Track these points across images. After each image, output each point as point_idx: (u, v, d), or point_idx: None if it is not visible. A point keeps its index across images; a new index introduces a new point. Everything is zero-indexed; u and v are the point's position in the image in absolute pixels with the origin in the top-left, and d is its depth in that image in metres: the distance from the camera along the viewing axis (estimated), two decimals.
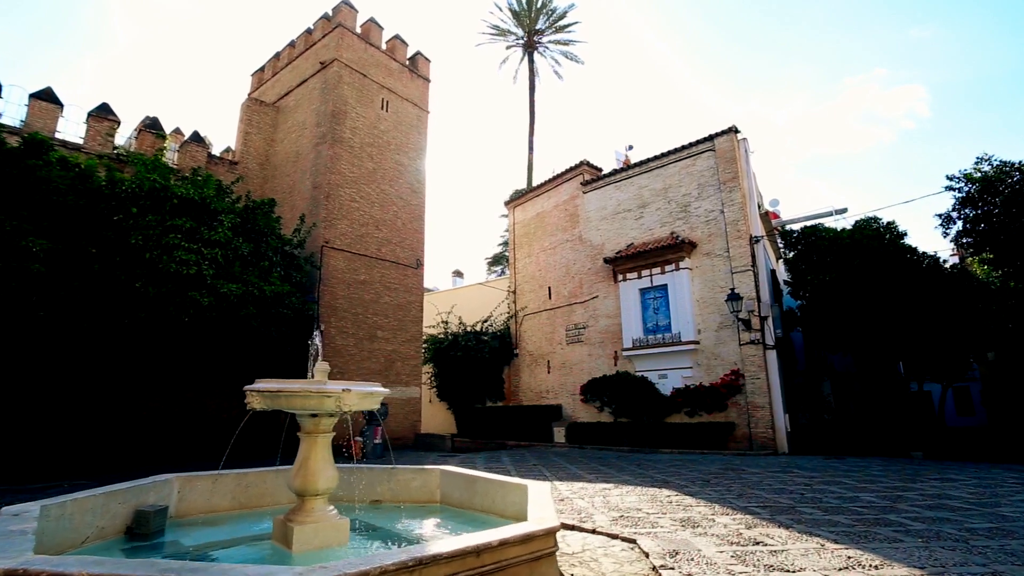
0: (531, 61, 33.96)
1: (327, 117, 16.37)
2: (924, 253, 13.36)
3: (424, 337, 21.85)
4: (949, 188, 12.02)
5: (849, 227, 13.86)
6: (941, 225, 12.42)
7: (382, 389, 4.09)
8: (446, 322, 21.86)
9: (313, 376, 4.12)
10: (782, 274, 20.25)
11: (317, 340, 4.32)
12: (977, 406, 29.90)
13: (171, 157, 15.97)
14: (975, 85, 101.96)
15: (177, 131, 18.82)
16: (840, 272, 13.03)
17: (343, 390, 3.60)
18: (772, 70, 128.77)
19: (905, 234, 13.21)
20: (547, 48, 34.27)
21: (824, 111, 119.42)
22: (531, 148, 32.71)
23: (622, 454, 14.19)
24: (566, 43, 33.92)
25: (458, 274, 34.58)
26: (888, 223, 13.38)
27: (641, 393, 15.39)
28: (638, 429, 15.03)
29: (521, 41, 34.10)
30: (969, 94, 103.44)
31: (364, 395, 3.89)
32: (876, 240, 12.93)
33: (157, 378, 12.65)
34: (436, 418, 24.00)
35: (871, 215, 13.72)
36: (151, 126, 15.60)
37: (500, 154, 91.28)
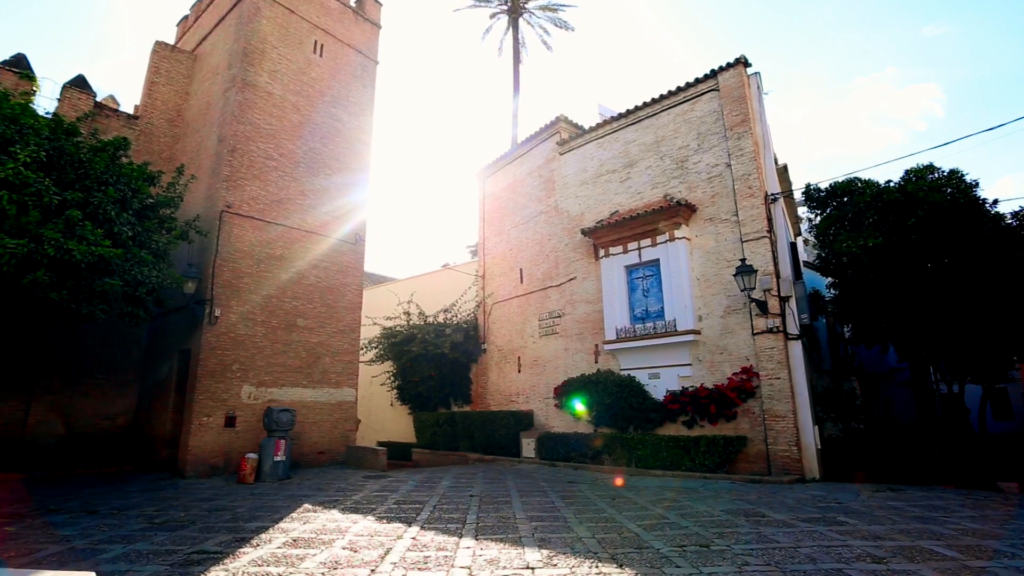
0: (516, 29, 30.71)
1: (238, 56, 13.24)
2: (997, 213, 10.01)
3: (382, 330, 18.77)
4: None
5: (897, 180, 10.52)
6: None
7: None
8: (408, 313, 18.69)
9: None
10: (802, 254, 16.90)
11: None
12: (1017, 410, 26.51)
13: (45, 104, 12.87)
14: (991, 84, 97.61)
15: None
16: (888, 236, 9.72)
17: None
18: (781, 67, 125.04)
19: (976, 184, 9.85)
20: (534, 15, 31.02)
21: (834, 110, 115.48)
22: (515, 125, 29.48)
23: (600, 476, 10.94)
24: (555, 8, 30.67)
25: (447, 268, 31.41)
26: (952, 171, 10.00)
27: (627, 397, 12.12)
28: (622, 443, 11.77)
29: (505, 7, 30.87)
30: (985, 93, 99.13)
31: None
32: (936, 192, 9.61)
33: None
34: (399, 424, 20.78)
35: (924, 163, 10.38)
36: (13, 64, 12.54)
37: (486, 134, 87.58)
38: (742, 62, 12.01)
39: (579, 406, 13.16)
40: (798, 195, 15.68)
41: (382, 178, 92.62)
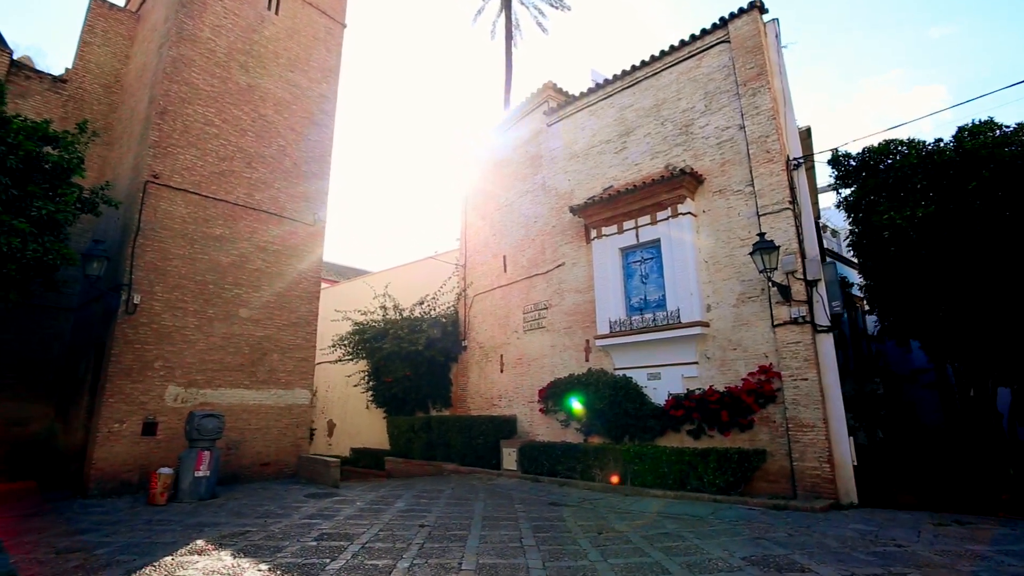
0: (509, 10, 28.99)
1: (174, 7, 11.49)
2: None
3: (352, 325, 16.99)
4: None
5: (948, 138, 8.70)
6: None
7: None
8: (384, 307, 16.90)
9: None
10: (824, 241, 15.01)
11: None
12: None
13: None
14: (999, 84, 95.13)
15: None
16: (942, 204, 7.89)
17: None
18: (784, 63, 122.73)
19: None
20: None
21: (839, 113, 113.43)
22: (508, 110, 27.72)
23: (589, 495, 9.12)
24: None
25: None
26: (1020, 124, 8.15)
27: (621, 401, 10.29)
28: (616, 456, 9.92)
29: None
30: (994, 94, 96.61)
31: None
32: (1002, 149, 7.79)
33: None
34: (374, 429, 18.94)
35: (980, 118, 8.55)
36: None
37: (478, 120, 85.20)
38: (757, 6, 10.19)
39: (568, 411, 11.35)
40: (821, 179, 13.79)
41: (365, 167, 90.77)
